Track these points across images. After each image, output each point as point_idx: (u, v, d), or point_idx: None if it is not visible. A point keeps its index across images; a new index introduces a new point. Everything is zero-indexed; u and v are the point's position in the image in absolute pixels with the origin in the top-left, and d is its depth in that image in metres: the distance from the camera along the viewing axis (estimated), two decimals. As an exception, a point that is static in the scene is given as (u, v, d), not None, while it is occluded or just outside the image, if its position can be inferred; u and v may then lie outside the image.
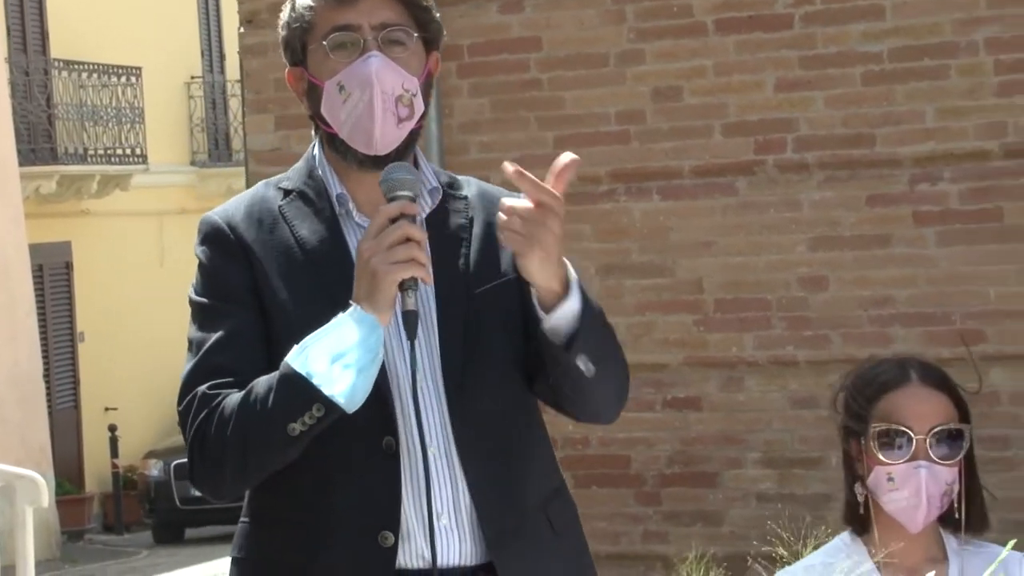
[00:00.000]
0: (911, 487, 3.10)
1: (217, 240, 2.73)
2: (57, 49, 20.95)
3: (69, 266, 21.06)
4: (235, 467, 2.64)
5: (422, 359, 2.69)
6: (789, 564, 3.19)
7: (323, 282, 2.68)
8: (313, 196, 2.77)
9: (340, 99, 2.71)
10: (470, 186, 2.87)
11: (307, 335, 2.59)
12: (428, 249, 2.64)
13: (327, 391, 2.54)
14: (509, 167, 2.54)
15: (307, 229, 2.74)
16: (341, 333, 2.56)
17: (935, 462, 3.11)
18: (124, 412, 20.82)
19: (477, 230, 2.78)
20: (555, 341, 2.62)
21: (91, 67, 21.27)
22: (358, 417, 2.59)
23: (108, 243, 21.23)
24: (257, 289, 2.70)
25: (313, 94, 2.76)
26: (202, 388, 2.64)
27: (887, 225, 6.47)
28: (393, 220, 2.57)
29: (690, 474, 6.71)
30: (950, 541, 3.19)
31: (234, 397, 2.62)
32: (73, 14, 20.88)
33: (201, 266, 2.75)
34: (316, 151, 2.82)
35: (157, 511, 19.39)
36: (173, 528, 19.17)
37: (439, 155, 6.91)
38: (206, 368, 2.66)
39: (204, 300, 2.72)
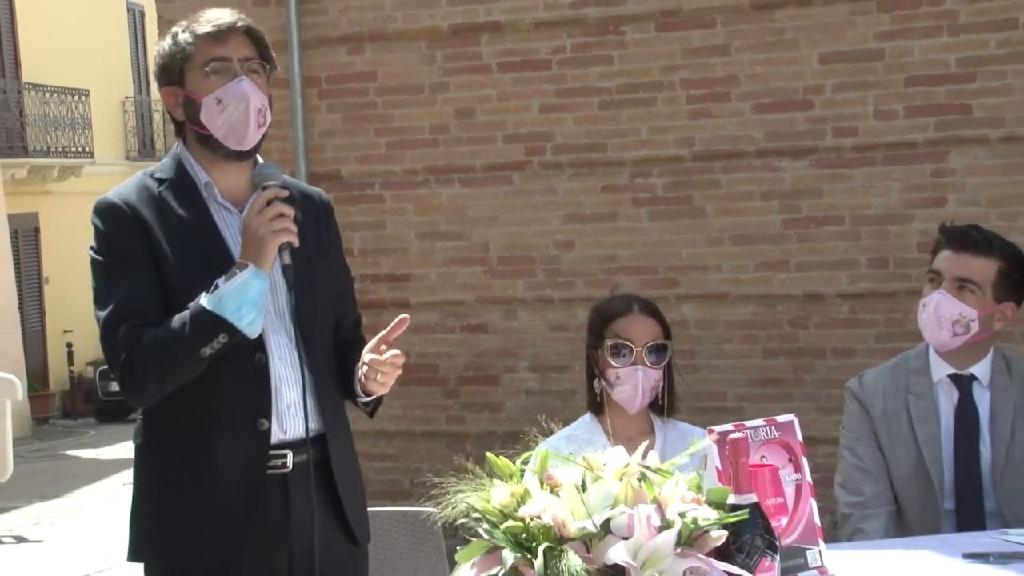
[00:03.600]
0: (631, 383, 3.15)
1: (116, 215, 2.65)
2: (27, 75, 20.35)
3: (37, 231, 20.56)
4: (157, 382, 2.59)
5: (273, 300, 2.70)
6: (547, 436, 3.20)
7: (198, 249, 2.63)
8: (182, 184, 2.70)
9: (218, 111, 2.65)
10: (291, 185, 2.83)
11: (192, 292, 2.57)
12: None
13: (238, 324, 2.52)
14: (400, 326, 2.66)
15: (182, 209, 2.67)
16: (245, 284, 2.54)
17: (648, 366, 3.16)
18: (77, 333, 20.39)
19: (299, 216, 2.72)
20: (364, 407, 2.81)
21: (52, 89, 20.81)
22: (240, 341, 2.57)
23: (65, 214, 20.88)
24: (152, 254, 2.63)
25: (190, 107, 2.68)
26: (124, 327, 2.57)
27: (615, 207, 6.53)
28: (269, 202, 2.59)
29: (480, 376, 6.72)
30: (656, 420, 3.25)
31: (153, 331, 2.56)
32: (39, 49, 20.32)
33: (104, 236, 2.65)
34: (180, 150, 2.74)
35: (92, 401, 19.46)
36: (105, 413, 18.90)
37: (304, 154, 6.82)
38: (124, 312, 2.59)
39: (108, 260, 2.64)
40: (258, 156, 2.78)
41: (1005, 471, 3.21)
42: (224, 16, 2.72)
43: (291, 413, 2.66)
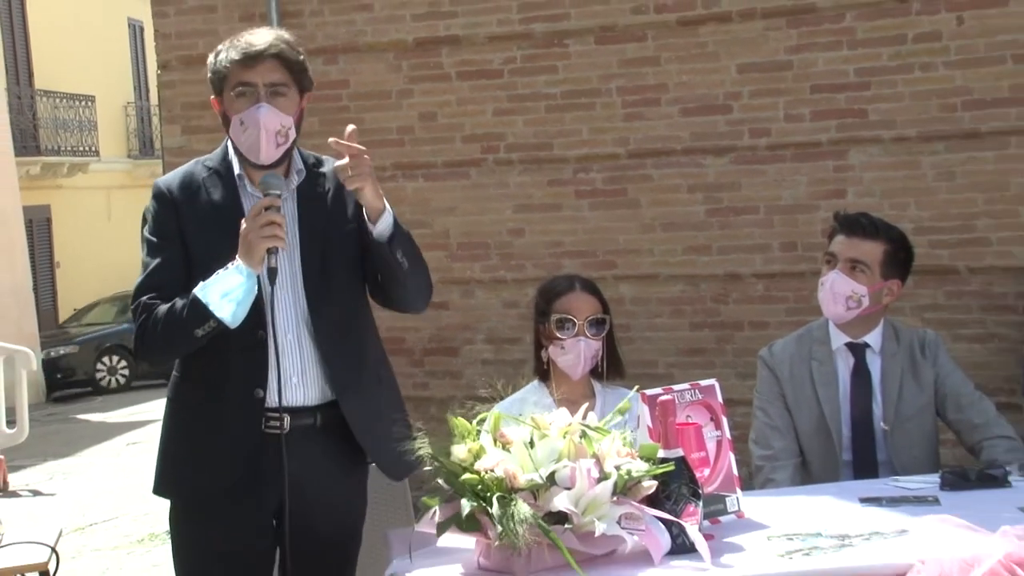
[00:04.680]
0: (575, 352, 3.15)
1: (159, 198, 2.72)
2: (39, 83, 20.07)
3: (49, 221, 20.25)
4: (163, 351, 2.67)
5: (291, 280, 2.70)
6: (501, 399, 3.21)
7: (223, 232, 2.64)
8: (224, 173, 2.74)
9: (241, 130, 2.70)
10: (328, 163, 2.83)
11: (213, 265, 2.60)
12: (288, 225, 2.67)
13: (218, 314, 2.56)
14: (334, 141, 2.59)
15: (218, 194, 2.71)
16: (229, 279, 2.58)
17: (589, 338, 3.16)
18: (85, 311, 20.33)
19: (331, 193, 2.77)
20: (381, 240, 2.66)
21: (62, 95, 20.55)
22: (244, 320, 2.59)
23: (74, 206, 20.78)
24: (182, 233, 2.67)
25: (224, 120, 2.73)
26: (144, 298, 2.63)
27: (560, 198, 6.53)
28: (266, 209, 2.58)
29: (442, 348, 6.71)
30: (596, 385, 3.25)
31: (163, 306, 2.61)
32: (50, 59, 20.05)
33: (150, 216, 2.71)
34: (228, 144, 2.77)
35: None
36: None
37: (286, 152, 6.77)
38: (148, 284, 2.65)
39: (149, 237, 2.69)
40: (297, 150, 2.77)
41: (894, 426, 3.25)
42: (257, 42, 2.69)
43: (294, 383, 2.67)
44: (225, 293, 2.55)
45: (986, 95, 5.78)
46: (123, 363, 17.63)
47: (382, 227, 2.65)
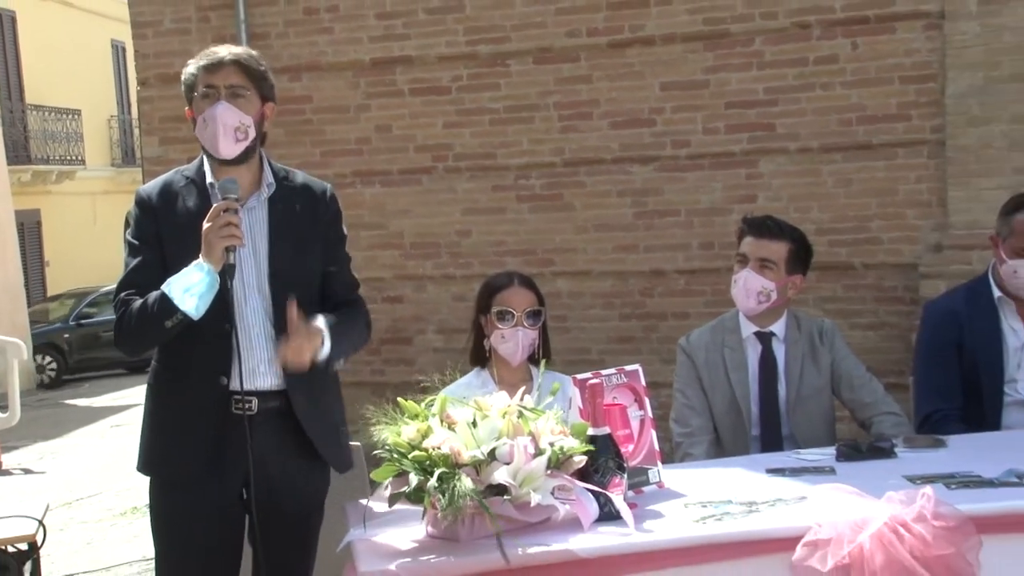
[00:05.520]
0: (514, 341, 3.16)
1: (141, 205, 2.71)
2: (30, 97, 19.73)
3: (39, 224, 19.93)
4: (138, 341, 2.65)
5: (258, 282, 2.69)
6: (448, 384, 3.20)
7: (195, 237, 2.60)
8: (198, 182, 2.71)
9: (203, 127, 2.69)
10: (297, 177, 2.83)
11: (186, 265, 2.58)
12: (258, 232, 2.68)
13: (181, 308, 2.54)
14: (293, 312, 2.55)
15: (192, 202, 2.68)
16: (190, 275, 2.57)
17: (526, 328, 3.17)
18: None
19: (299, 207, 2.75)
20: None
21: (51, 109, 20.21)
22: (211, 312, 2.57)
23: (62, 210, 20.47)
24: (160, 236, 2.65)
25: (193, 123, 2.72)
26: (123, 294, 2.63)
27: (503, 202, 6.52)
28: (224, 211, 2.57)
29: (397, 338, 6.68)
30: (533, 370, 3.25)
31: (138, 301, 2.60)
32: (40, 76, 19.71)
33: (132, 220, 2.71)
34: (203, 155, 2.75)
35: None
36: None
37: (255, 161, 6.68)
38: (128, 282, 2.65)
39: (131, 240, 2.69)
40: (268, 165, 2.76)
41: (796, 405, 3.30)
42: (219, 51, 2.74)
43: (261, 371, 2.65)
44: (187, 288, 2.54)
45: (877, 111, 5.86)
46: (50, 360, 17.21)
47: (322, 359, 2.65)
